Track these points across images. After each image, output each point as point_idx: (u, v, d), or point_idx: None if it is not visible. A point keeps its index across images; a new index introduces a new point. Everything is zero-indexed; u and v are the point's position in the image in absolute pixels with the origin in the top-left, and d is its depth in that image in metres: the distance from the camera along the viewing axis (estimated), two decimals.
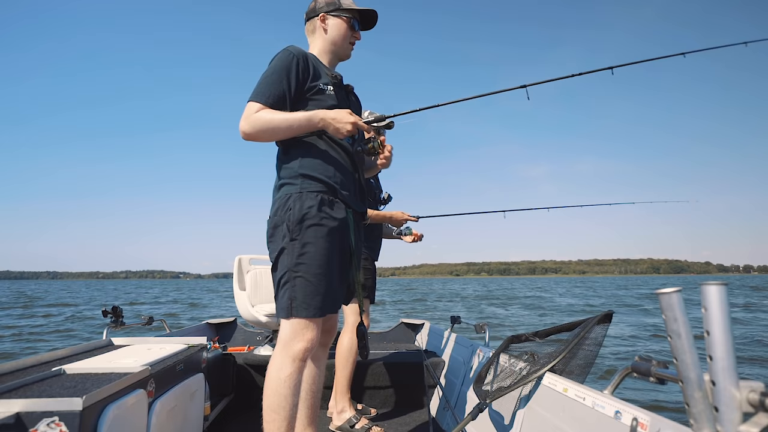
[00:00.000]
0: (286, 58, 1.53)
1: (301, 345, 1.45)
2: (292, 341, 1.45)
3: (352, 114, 1.51)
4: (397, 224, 2.57)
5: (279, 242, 1.50)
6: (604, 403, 1.13)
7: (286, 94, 1.52)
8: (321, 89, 1.57)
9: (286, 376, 1.43)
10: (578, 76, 1.98)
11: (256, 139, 1.50)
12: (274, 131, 1.49)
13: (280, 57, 1.55)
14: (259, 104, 1.49)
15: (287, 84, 1.51)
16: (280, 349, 1.46)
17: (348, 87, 1.76)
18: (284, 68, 1.52)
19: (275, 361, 1.46)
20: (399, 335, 3.98)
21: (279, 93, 1.51)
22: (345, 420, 2.26)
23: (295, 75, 1.52)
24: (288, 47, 1.57)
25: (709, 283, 0.70)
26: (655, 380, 0.99)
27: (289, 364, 1.43)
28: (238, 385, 2.62)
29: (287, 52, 1.55)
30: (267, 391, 1.44)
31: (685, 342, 0.74)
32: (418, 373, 2.71)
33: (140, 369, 1.44)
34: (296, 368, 1.44)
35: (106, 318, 2.29)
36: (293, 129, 1.51)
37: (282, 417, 1.41)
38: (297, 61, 1.53)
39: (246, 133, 1.49)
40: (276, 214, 1.54)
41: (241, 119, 1.50)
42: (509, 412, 1.64)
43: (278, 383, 1.42)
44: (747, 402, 0.67)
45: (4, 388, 1.19)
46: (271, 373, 1.45)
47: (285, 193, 1.55)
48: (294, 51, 1.55)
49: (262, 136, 1.50)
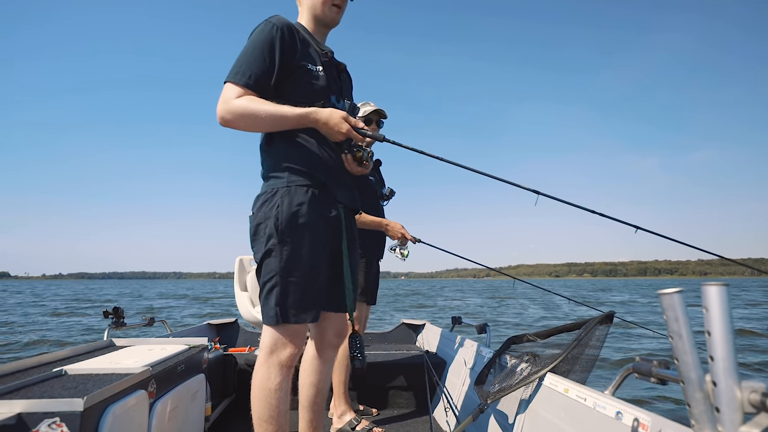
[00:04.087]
0: (267, 31, 1.35)
1: (289, 351, 1.36)
2: (280, 348, 1.36)
3: (346, 120, 1.37)
4: (393, 236, 2.47)
5: (264, 243, 1.37)
6: (605, 403, 1.13)
7: (269, 73, 1.35)
8: (309, 69, 1.41)
9: (275, 385, 1.34)
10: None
11: (236, 128, 1.34)
12: (258, 123, 1.33)
13: (261, 29, 1.37)
14: (238, 87, 1.32)
15: (270, 61, 1.34)
16: (264, 357, 1.36)
17: (340, 65, 1.57)
18: (266, 42, 1.34)
19: (261, 371, 1.36)
20: (400, 336, 3.98)
21: (260, 72, 1.34)
22: (346, 422, 2.27)
23: (279, 50, 1.35)
24: (270, 18, 1.39)
25: (710, 284, 0.69)
26: (656, 381, 0.99)
27: (277, 372, 1.35)
28: (239, 386, 2.62)
29: (269, 24, 1.37)
30: (256, 401, 1.36)
31: (686, 342, 0.74)
32: (419, 374, 2.71)
33: (141, 370, 1.44)
34: (285, 375, 1.37)
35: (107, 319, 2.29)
36: (280, 124, 1.36)
37: (275, 427, 1.35)
38: (281, 34, 1.36)
39: (225, 120, 1.32)
40: (260, 211, 1.39)
41: (219, 102, 1.32)
42: (510, 412, 1.63)
43: (267, 393, 1.34)
44: (748, 402, 0.67)
45: (6, 389, 1.19)
46: (258, 382, 1.36)
47: (271, 187, 1.41)
48: (276, 22, 1.37)
49: (243, 126, 1.34)
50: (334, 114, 1.37)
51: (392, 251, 2.52)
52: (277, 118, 1.33)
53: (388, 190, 2.56)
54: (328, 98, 1.47)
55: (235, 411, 2.56)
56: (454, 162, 1.58)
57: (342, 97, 1.55)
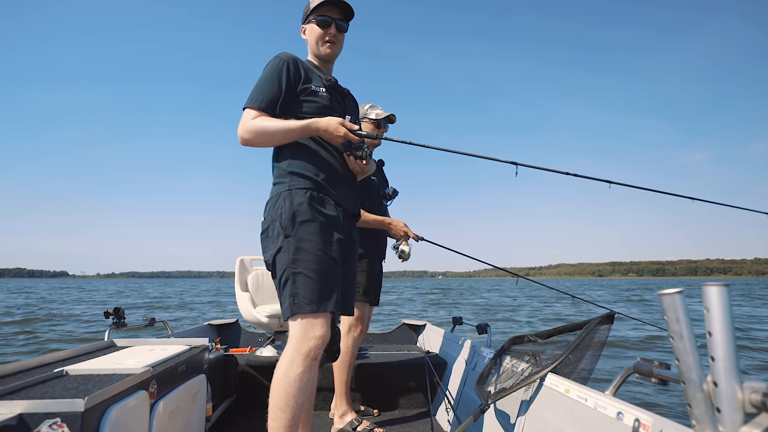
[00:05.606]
0: (276, 64, 1.59)
1: (311, 343, 1.44)
2: (303, 339, 1.44)
3: (342, 125, 1.54)
4: (395, 235, 2.47)
5: (274, 242, 1.51)
6: (606, 404, 1.13)
7: (277, 97, 1.56)
8: (313, 90, 1.62)
9: (296, 374, 1.42)
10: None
11: (255, 145, 1.56)
12: (271, 138, 1.54)
13: (271, 64, 1.61)
14: (254, 111, 1.54)
15: (278, 87, 1.57)
16: (291, 348, 1.46)
17: (343, 90, 1.79)
18: (275, 72, 1.58)
19: (285, 359, 1.45)
20: (401, 336, 3.98)
21: (272, 97, 1.56)
22: (347, 422, 2.27)
23: (286, 78, 1.58)
24: (279, 54, 1.63)
25: (710, 284, 0.69)
26: (657, 381, 0.99)
27: (301, 362, 1.43)
28: (240, 387, 2.62)
29: (278, 59, 1.61)
30: (275, 388, 1.43)
31: (687, 343, 0.74)
32: (420, 375, 2.71)
33: (142, 370, 1.45)
34: (307, 367, 1.44)
35: (108, 319, 2.30)
36: (289, 136, 1.56)
37: (289, 416, 1.40)
38: (287, 65, 1.59)
39: (244, 140, 1.53)
40: (268, 214, 1.57)
41: (239, 126, 1.54)
42: (511, 413, 1.63)
43: (288, 381, 1.41)
44: (749, 403, 0.67)
45: (7, 390, 1.19)
46: (281, 371, 1.44)
47: (276, 192, 1.58)
48: (284, 56, 1.61)
49: (260, 142, 1.55)
50: (332, 120, 1.55)
51: (394, 250, 2.51)
52: (285, 131, 1.54)
53: (391, 190, 2.56)
54: (331, 115, 1.62)
55: (236, 411, 2.57)
56: (437, 147, 1.82)
57: (344, 116, 1.68)
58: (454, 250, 2.85)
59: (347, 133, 1.55)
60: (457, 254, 2.85)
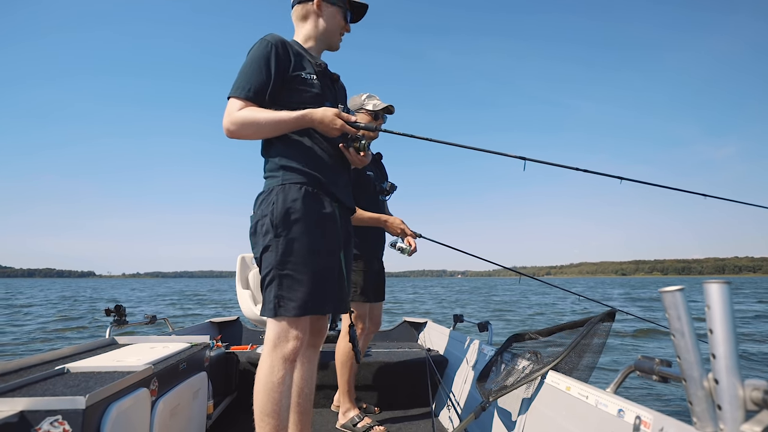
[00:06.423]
0: (263, 48, 1.46)
1: (291, 345, 1.40)
2: (282, 341, 1.40)
3: (339, 116, 1.44)
4: (392, 232, 2.39)
5: (262, 239, 1.43)
6: (607, 401, 1.13)
7: (266, 84, 1.44)
8: (304, 78, 1.50)
9: (278, 378, 1.38)
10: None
11: (241, 138, 1.44)
12: (260, 130, 1.42)
13: (257, 47, 1.47)
14: (240, 100, 1.42)
15: (267, 74, 1.44)
16: (269, 350, 1.41)
17: (333, 75, 1.67)
18: (263, 57, 1.44)
19: (265, 364, 1.40)
20: (402, 334, 3.98)
21: (259, 85, 1.43)
22: (348, 419, 2.28)
23: (275, 63, 1.45)
24: (265, 36, 1.50)
25: (711, 282, 0.69)
26: (658, 379, 0.98)
27: (281, 365, 1.39)
28: (241, 384, 2.63)
29: (264, 42, 1.47)
30: (258, 395, 1.39)
31: (688, 340, 0.74)
32: (421, 372, 2.71)
33: (143, 368, 1.45)
34: (288, 369, 1.41)
35: (109, 317, 2.30)
36: (281, 128, 1.45)
37: (276, 421, 1.37)
38: (275, 49, 1.46)
39: (230, 132, 1.41)
40: (258, 209, 1.48)
41: (224, 117, 1.42)
42: (512, 410, 1.63)
43: (270, 386, 1.38)
44: (750, 400, 0.67)
45: (8, 387, 1.19)
46: (262, 376, 1.40)
47: (268, 186, 1.49)
48: (271, 39, 1.48)
49: (247, 135, 1.43)
50: (328, 112, 1.44)
51: (392, 247, 2.46)
52: (276, 123, 1.42)
53: (388, 185, 2.49)
54: (323, 104, 1.53)
55: (237, 409, 2.57)
56: (438, 140, 1.72)
57: (336, 104, 1.60)
58: (452, 247, 2.84)
59: (344, 125, 1.45)
60: (455, 253, 2.84)
